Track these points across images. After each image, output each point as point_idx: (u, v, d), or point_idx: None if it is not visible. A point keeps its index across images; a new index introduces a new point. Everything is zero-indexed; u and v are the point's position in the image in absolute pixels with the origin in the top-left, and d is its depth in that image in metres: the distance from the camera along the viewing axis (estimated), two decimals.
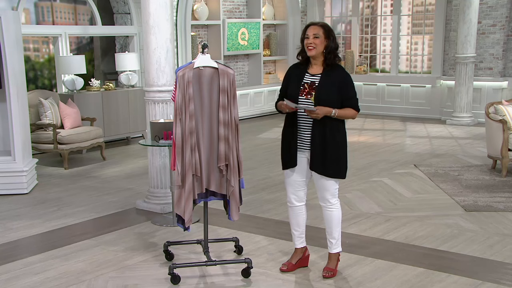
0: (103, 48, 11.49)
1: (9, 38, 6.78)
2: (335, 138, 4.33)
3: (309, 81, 4.34)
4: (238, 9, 12.89)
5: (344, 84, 4.32)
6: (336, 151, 4.34)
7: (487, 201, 6.47)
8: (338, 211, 4.49)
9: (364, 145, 9.80)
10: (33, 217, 6.18)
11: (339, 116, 4.28)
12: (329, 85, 4.28)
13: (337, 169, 4.38)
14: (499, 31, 11.67)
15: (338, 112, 4.26)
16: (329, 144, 4.31)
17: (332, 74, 4.32)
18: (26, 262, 4.92)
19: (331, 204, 4.46)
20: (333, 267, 4.56)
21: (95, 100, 9.60)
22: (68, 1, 10.77)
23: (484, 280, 4.44)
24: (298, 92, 4.32)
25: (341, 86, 4.30)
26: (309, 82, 4.33)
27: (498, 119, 7.59)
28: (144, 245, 5.29)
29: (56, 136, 8.31)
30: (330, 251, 4.59)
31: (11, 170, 6.99)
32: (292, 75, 4.44)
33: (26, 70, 7.54)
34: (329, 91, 4.27)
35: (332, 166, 4.35)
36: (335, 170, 4.37)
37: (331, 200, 4.45)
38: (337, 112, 4.25)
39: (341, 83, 4.30)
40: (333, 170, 4.36)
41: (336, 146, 4.34)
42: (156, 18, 6.01)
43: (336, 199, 4.47)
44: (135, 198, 6.77)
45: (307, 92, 4.31)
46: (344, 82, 4.32)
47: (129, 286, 4.41)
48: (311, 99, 4.28)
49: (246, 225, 5.69)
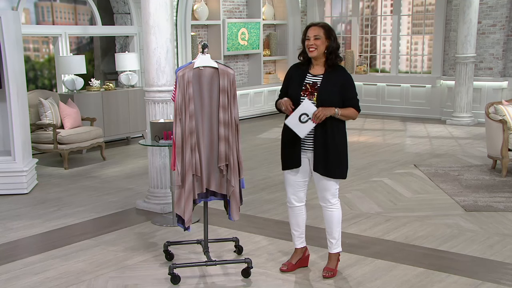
0: (103, 48, 11.49)
1: (9, 38, 6.78)
2: (336, 138, 4.33)
3: (311, 81, 4.33)
4: (238, 9, 12.89)
5: (346, 85, 4.31)
6: (338, 151, 4.34)
7: (487, 201, 6.47)
8: (338, 211, 4.49)
9: (364, 145, 9.80)
10: (33, 217, 6.18)
11: (342, 115, 4.27)
12: (331, 86, 4.27)
13: (339, 169, 4.38)
14: (499, 31, 11.66)
15: (341, 111, 4.25)
16: (331, 145, 4.30)
17: (334, 74, 4.31)
18: (26, 262, 4.92)
19: (331, 204, 4.46)
20: (333, 267, 4.56)
21: (95, 100, 9.60)
22: (68, 1, 10.76)
23: (484, 280, 4.43)
24: (300, 92, 4.32)
25: (343, 87, 4.29)
26: (311, 83, 4.32)
27: (498, 119, 7.59)
28: (144, 245, 5.29)
29: (56, 136, 8.31)
30: (330, 251, 4.58)
31: (11, 170, 6.99)
32: (293, 75, 4.43)
33: (26, 70, 7.54)
34: (331, 92, 4.26)
35: (334, 167, 4.35)
36: (337, 170, 4.37)
37: (331, 200, 4.45)
38: (340, 112, 4.25)
39: (343, 84, 4.30)
40: (335, 170, 4.36)
41: (338, 147, 4.34)
42: (156, 18, 6.01)
43: (336, 199, 4.47)
44: (135, 198, 6.77)
45: (310, 93, 4.29)
46: (346, 83, 4.31)
47: (129, 286, 4.41)
48: (313, 99, 4.28)
49: (246, 225, 5.69)
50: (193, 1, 11.56)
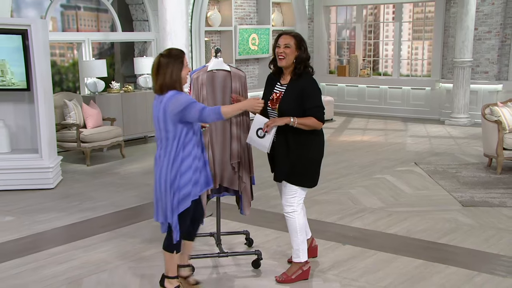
0: (123, 53, 11.52)
1: (37, 45, 6.81)
2: (295, 148, 4.00)
3: (278, 91, 4.08)
4: (249, 16, 12.87)
5: (306, 94, 3.94)
6: (293, 160, 4.01)
7: (483, 197, 6.42)
8: (293, 220, 4.13)
9: (367, 144, 9.75)
10: (58, 210, 6.20)
11: (300, 124, 3.90)
12: (291, 96, 3.97)
13: (294, 176, 4.04)
14: (494, 37, 11.58)
15: (297, 120, 3.89)
16: (286, 153, 4.02)
17: (296, 84, 3.99)
18: (51, 252, 4.94)
19: (286, 212, 4.16)
20: (288, 274, 4.22)
21: (115, 102, 9.62)
22: (91, 10, 10.80)
23: (480, 271, 4.41)
24: (267, 102, 4.08)
25: (303, 96, 3.94)
26: (278, 93, 4.06)
27: (494, 119, 7.54)
28: (160, 237, 5.26)
29: (79, 135, 8.33)
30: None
31: (38, 167, 7.02)
32: (268, 84, 4.23)
33: (52, 73, 7.57)
34: (290, 101, 3.96)
35: (289, 173, 4.04)
36: (292, 177, 4.05)
37: (285, 208, 4.14)
38: (296, 121, 3.90)
39: (303, 93, 3.94)
40: (284, 174, 4.06)
41: (294, 156, 4.01)
42: (172, 24, 6.00)
43: (292, 208, 4.11)
44: (152, 193, 6.72)
45: (273, 103, 4.06)
46: (306, 92, 3.95)
47: (146, 276, 4.41)
48: (275, 110, 4.04)
49: (256, 219, 5.67)
50: (207, 8, 11.55)
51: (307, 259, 4.28)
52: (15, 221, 5.85)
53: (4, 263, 4.70)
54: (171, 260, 3.92)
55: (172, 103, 3.63)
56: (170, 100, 3.65)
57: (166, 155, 3.72)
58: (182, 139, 3.70)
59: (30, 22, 6.81)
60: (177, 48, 3.86)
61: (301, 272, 4.24)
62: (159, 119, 3.71)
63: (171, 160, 3.70)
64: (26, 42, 6.80)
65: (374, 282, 4.23)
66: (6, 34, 6.79)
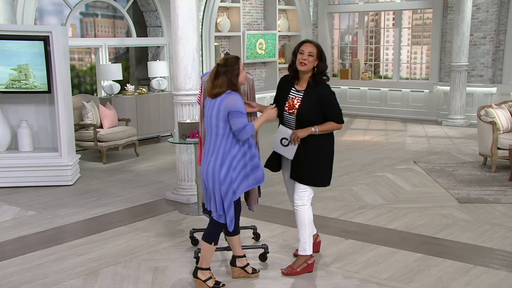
0: (137, 57, 11.54)
1: (58, 50, 6.84)
2: (309, 149, 4.04)
3: (294, 96, 4.09)
4: (257, 22, 12.87)
5: (326, 102, 4.01)
6: (307, 160, 4.06)
7: (478, 193, 6.39)
8: (302, 213, 4.15)
9: (369, 144, 9.73)
10: (77, 205, 6.23)
11: (322, 131, 4.00)
12: (310, 103, 4.00)
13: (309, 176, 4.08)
14: (489, 43, 11.54)
15: (319, 128, 3.99)
16: (301, 154, 4.05)
17: (314, 91, 4.03)
18: (71, 245, 4.97)
19: (296, 204, 4.18)
20: (294, 267, 4.22)
21: (130, 103, 9.65)
22: (108, 17, 10.83)
23: (476, 264, 4.39)
24: (283, 106, 4.10)
25: (322, 104, 4.00)
26: (294, 98, 4.09)
27: (489, 120, 7.51)
28: (172, 231, 5.30)
29: (96, 134, 8.37)
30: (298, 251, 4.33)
31: (58, 165, 7.06)
32: (282, 87, 4.22)
33: (71, 77, 7.60)
34: (310, 107, 4.00)
35: (303, 173, 4.07)
36: (306, 177, 4.08)
37: (296, 201, 4.17)
38: (318, 129, 3.99)
39: (322, 101, 4.00)
40: (304, 176, 4.08)
41: (308, 156, 4.05)
42: (184, 30, 6.01)
43: (302, 201, 4.13)
44: (165, 190, 6.79)
45: (290, 107, 4.07)
46: (325, 99, 4.02)
47: (159, 268, 4.42)
48: (293, 114, 4.06)
49: (263, 215, 5.67)
50: (216, 15, 11.56)
51: (312, 253, 4.29)
52: (37, 215, 5.88)
53: (27, 254, 4.73)
54: (209, 251, 3.98)
55: (228, 101, 3.71)
56: (227, 97, 3.73)
57: (215, 151, 3.79)
58: (231, 136, 3.76)
59: (51, 29, 6.85)
60: (233, 56, 3.87)
61: (306, 265, 4.25)
62: (211, 115, 3.78)
63: (220, 155, 3.77)
64: (47, 47, 6.84)
65: (375, 275, 4.23)
66: (29, 40, 6.84)
